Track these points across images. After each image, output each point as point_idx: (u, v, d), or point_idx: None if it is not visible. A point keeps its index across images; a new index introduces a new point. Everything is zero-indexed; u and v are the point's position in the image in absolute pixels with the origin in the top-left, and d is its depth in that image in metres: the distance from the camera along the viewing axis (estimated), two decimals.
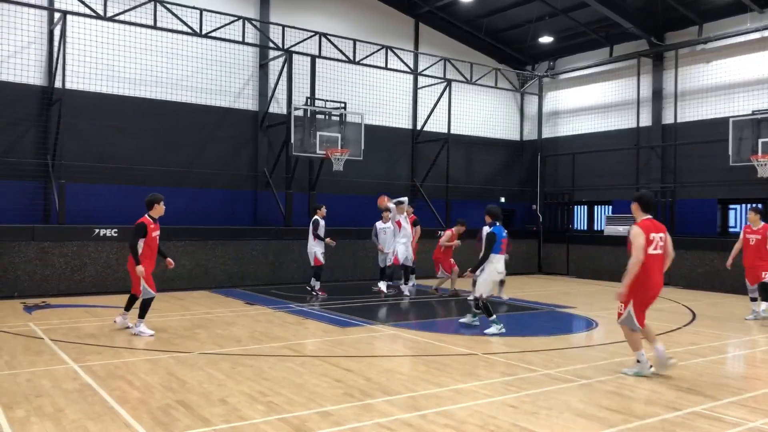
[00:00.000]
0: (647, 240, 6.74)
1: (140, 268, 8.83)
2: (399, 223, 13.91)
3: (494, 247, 9.55)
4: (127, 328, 9.30)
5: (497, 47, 21.89)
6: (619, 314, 7.00)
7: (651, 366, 7.01)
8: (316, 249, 13.49)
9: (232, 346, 8.34)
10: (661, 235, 6.89)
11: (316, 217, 13.70)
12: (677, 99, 18.26)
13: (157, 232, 9.18)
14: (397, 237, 13.96)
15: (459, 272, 13.48)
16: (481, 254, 9.61)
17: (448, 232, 14.11)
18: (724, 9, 16.99)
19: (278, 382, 6.54)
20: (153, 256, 9.18)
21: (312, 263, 13.60)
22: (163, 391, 6.13)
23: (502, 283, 12.47)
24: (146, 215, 9.10)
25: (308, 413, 5.49)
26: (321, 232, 13.55)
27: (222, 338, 8.86)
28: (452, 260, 14.09)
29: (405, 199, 14.53)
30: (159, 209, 9.19)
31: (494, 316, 9.50)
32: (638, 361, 7.02)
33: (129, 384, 6.36)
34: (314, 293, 13.45)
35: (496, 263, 9.61)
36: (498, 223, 9.73)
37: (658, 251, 6.87)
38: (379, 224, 14.34)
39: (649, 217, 7.01)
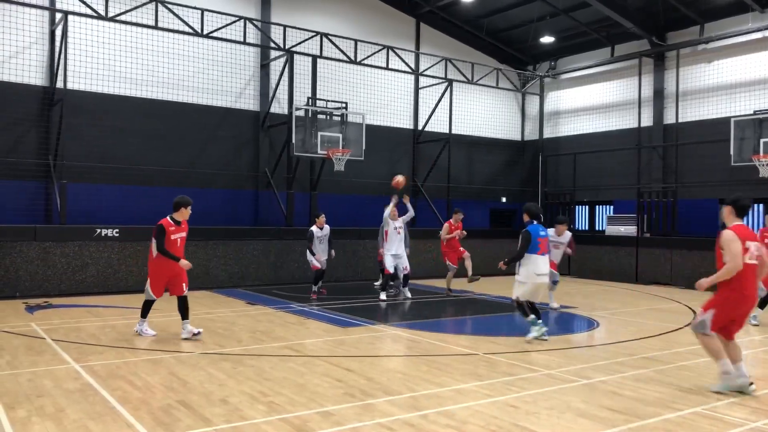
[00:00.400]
0: (743, 248, 6.21)
1: (185, 263, 8.71)
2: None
3: (531, 247, 8.85)
4: (195, 334, 8.71)
5: (498, 47, 21.88)
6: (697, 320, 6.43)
7: (752, 383, 6.21)
8: (309, 257, 13.41)
9: (233, 346, 8.34)
10: (757, 243, 6.33)
11: (311, 228, 13.43)
12: (679, 99, 18.24)
13: (180, 235, 8.82)
14: (404, 242, 13.60)
15: (470, 272, 13.23)
16: (516, 253, 9.03)
17: (446, 225, 14.08)
18: (726, 9, 16.97)
19: (279, 382, 6.54)
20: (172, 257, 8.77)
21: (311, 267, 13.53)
22: (164, 391, 6.13)
23: (552, 284, 11.74)
24: (168, 217, 8.86)
25: (309, 413, 5.49)
26: (315, 245, 13.24)
27: (223, 338, 8.86)
28: (462, 249, 13.88)
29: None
30: (184, 213, 8.89)
31: (532, 317, 8.91)
32: (724, 373, 6.20)
33: (130, 384, 6.36)
34: (317, 290, 13.46)
35: (534, 264, 8.86)
36: (536, 222, 9.10)
37: (754, 261, 6.30)
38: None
39: (742, 223, 6.49)
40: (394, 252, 13.25)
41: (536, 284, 8.98)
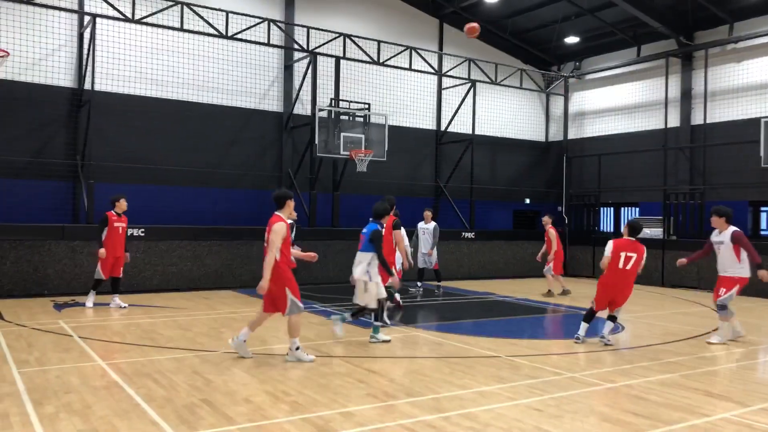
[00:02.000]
0: None
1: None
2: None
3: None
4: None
5: (522, 47, 21.74)
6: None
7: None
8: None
9: (256, 345, 8.39)
10: None
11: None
12: (707, 99, 17.94)
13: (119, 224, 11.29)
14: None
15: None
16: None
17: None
18: (756, 7, 16.66)
19: (302, 381, 6.57)
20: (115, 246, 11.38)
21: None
22: (188, 389, 6.19)
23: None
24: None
25: (331, 413, 5.50)
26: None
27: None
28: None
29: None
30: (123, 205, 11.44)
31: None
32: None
33: (155, 382, 6.44)
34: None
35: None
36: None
37: None
38: (420, 225, 14.50)
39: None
40: (425, 250, 14.22)
41: None
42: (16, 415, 5.32)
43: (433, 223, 14.52)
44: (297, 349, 7.39)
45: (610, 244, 8.77)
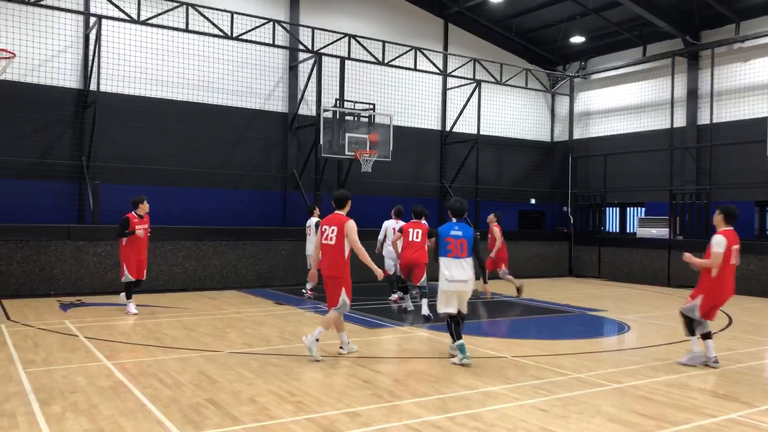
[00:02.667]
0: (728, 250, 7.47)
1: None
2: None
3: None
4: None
5: (527, 47, 21.70)
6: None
7: (716, 360, 7.49)
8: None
9: (261, 345, 8.40)
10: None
11: (316, 219, 13.38)
12: (713, 99, 17.87)
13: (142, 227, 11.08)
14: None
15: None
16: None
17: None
18: (762, 6, 16.58)
19: (307, 382, 6.57)
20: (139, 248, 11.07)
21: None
22: (193, 389, 6.20)
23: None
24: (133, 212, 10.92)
25: (337, 413, 5.50)
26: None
27: (251, 338, 8.93)
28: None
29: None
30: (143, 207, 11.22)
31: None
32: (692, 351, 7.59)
33: (160, 382, 6.45)
34: (306, 293, 13.40)
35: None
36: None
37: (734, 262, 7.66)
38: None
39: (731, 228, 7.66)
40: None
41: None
42: (22, 414, 5.34)
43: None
44: (317, 340, 7.55)
45: (721, 239, 7.45)
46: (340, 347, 7.98)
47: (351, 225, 7.64)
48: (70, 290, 13.03)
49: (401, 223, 11.94)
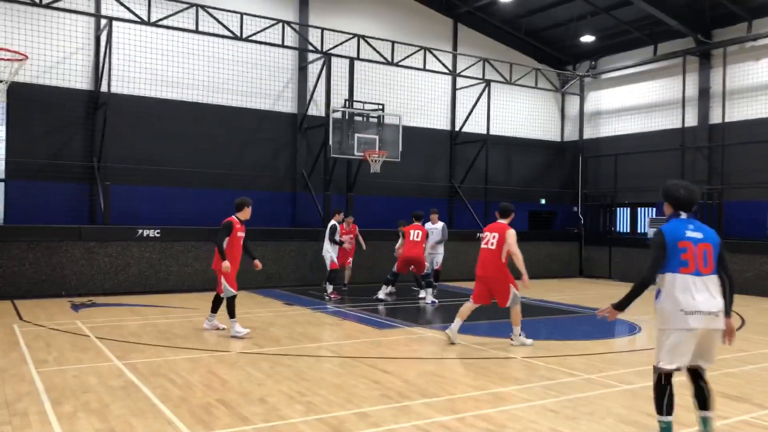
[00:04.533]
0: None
1: (226, 264, 8.93)
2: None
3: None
4: (217, 329, 9.44)
5: (537, 47, 21.63)
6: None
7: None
8: (331, 253, 13.56)
9: (271, 346, 8.42)
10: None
11: (333, 222, 13.80)
12: (725, 98, 17.73)
13: (242, 233, 9.51)
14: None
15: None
16: None
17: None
18: None
19: (317, 382, 6.58)
20: (237, 257, 9.40)
21: (328, 267, 13.62)
22: (203, 389, 6.22)
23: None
24: (234, 216, 9.46)
25: (346, 414, 5.50)
26: (337, 236, 13.70)
27: (261, 338, 8.95)
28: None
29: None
30: (247, 212, 9.62)
31: None
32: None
33: (171, 382, 6.48)
34: (327, 296, 13.33)
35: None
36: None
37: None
38: (428, 225, 14.25)
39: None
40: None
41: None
42: (35, 414, 5.38)
43: (441, 223, 14.44)
44: (519, 335, 8.71)
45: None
46: (511, 339, 8.80)
47: (511, 232, 8.62)
48: (81, 291, 13.12)
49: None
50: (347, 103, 16.65)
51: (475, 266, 9.02)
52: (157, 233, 14.00)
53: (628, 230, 20.98)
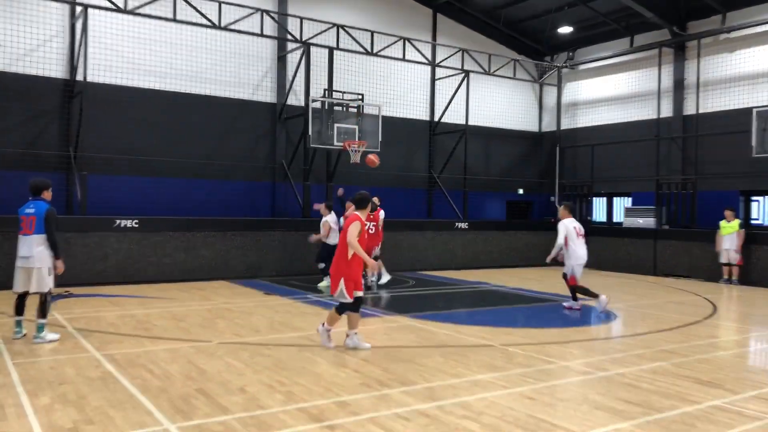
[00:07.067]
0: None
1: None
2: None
3: None
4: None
5: (516, 38, 21.72)
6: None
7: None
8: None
9: (251, 335, 8.42)
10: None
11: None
12: (699, 89, 18.00)
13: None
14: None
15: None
16: None
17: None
18: None
19: (297, 371, 6.60)
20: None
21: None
22: (183, 379, 6.21)
23: None
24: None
25: (326, 403, 5.54)
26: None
27: (241, 328, 8.95)
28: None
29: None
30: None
31: None
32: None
33: (150, 372, 6.46)
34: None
35: None
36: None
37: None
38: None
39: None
40: None
41: None
42: (11, 406, 5.34)
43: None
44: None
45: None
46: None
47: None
48: (58, 282, 12.91)
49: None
50: (326, 93, 16.59)
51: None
52: (135, 224, 13.87)
53: (605, 219, 21.25)
